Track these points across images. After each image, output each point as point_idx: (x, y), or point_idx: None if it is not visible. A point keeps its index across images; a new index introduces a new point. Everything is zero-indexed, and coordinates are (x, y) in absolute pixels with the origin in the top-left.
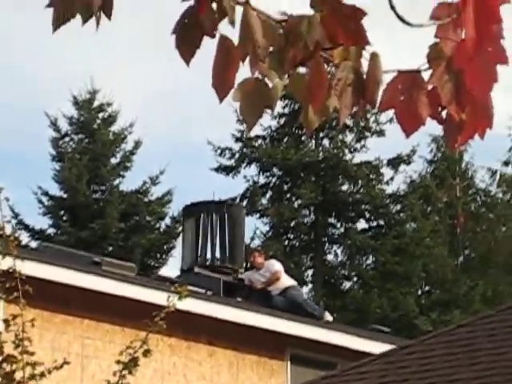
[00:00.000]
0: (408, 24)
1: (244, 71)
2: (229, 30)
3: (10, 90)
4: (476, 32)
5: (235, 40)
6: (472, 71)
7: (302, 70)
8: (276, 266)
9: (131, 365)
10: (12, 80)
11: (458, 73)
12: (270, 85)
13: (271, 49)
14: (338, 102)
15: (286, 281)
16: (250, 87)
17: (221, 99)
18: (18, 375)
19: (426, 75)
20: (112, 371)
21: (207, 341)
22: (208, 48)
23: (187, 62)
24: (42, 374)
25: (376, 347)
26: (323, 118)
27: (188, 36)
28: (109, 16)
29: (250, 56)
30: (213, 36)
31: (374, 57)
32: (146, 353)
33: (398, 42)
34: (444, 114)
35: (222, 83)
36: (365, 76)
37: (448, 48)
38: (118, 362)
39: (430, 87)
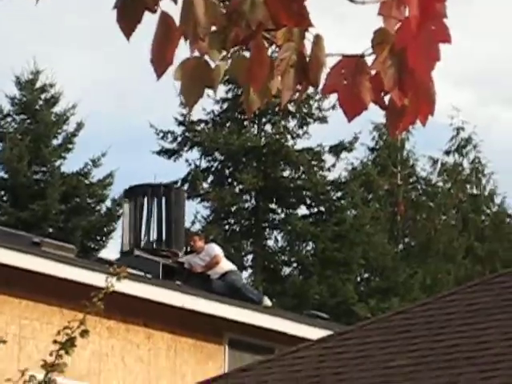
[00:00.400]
0: (351, 1)
1: (187, 50)
2: (171, 7)
3: None
4: (419, 10)
5: (177, 17)
6: (415, 50)
7: (244, 52)
8: (216, 249)
9: (68, 345)
10: None
11: (402, 57)
12: (213, 65)
13: (213, 28)
14: (280, 83)
15: (226, 265)
16: (191, 66)
17: (158, 76)
18: None
19: (370, 60)
20: (49, 352)
21: (145, 323)
22: (150, 23)
23: (128, 36)
24: None
25: (314, 333)
26: (265, 100)
27: (129, 10)
28: None
29: (190, 34)
30: (154, 11)
31: (317, 39)
32: (84, 333)
33: (346, 30)
34: (387, 99)
35: (160, 60)
36: (308, 58)
37: (391, 27)
38: (55, 341)
39: (373, 72)
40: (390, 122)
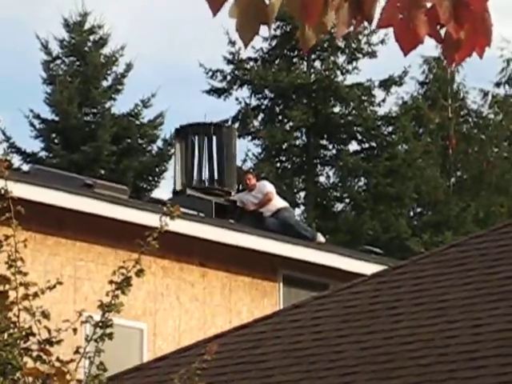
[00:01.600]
0: None
1: None
2: None
3: None
4: None
5: None
6: None
7: None
8: (268, 187)
9: (124, 284)
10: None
11: None
12: (267, 1)
13: None
14: (335, 18)
15: (278, 202)
16: (247, 2)
17: (214, 12)
18: (12, 296)
19: None
20: (105, 293)
21: (199, 262)
22: None
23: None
24: (36, 295)
25: (368, 268)
26: (320, 36)
27: None
28: None
29: None
30: None
31: None
32: (139, 272)
33: None
34: (442, 32)
35: None
36: None
37: None
38: (111, 282)
39: (428, 5)
40: (446, 54)
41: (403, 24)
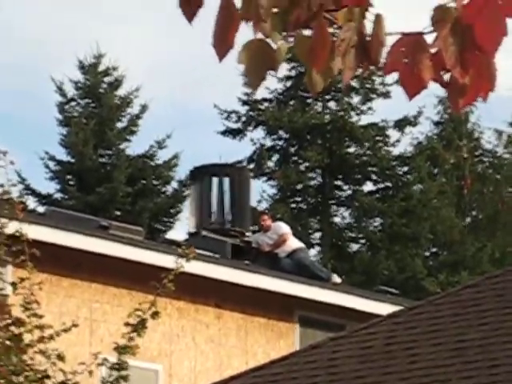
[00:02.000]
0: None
1: (247, 32)
2: None
3: (12, 51)
4: None
5: (238, 0)
6: (481, 25)
7: (306, 32)
8: (283, 228)
9: (139, 327)
10: (14, 40)
11: (465, 33)
12: (274, 46)
13: (275, 10)
14: (342, 63)
15: (294, 243)
16: (254, 48)
17: (220, 58)
18: (27, 338)
19: (430, 38)
20: (120, 335)
21: (215, 303)
22: (212, 7)
23: (189, 20)
24: (51, 337)
25: (384, 309)
26: (328, 80)
27: None
28: None
29: (252, 16)
30: None
31: (378, 18)
32: (155, 315)
33: (405, 6)
34: (447, 76)
35: (221, 43)
36: (368, 38)
37: (459, 2)
38: (127, 324)
39: (433, 50)
40: (451, 99)
41: (408, 69)
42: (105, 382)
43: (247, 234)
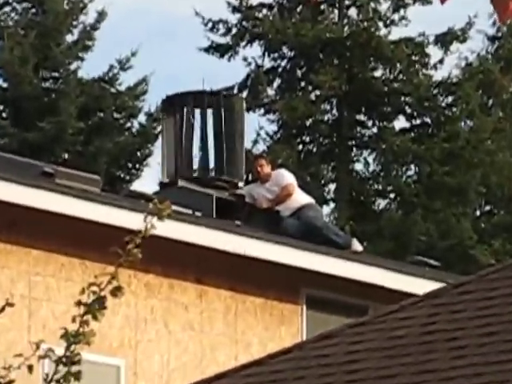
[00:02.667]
0: None
1: None
2: None
3: None
4: None
5: None
6: None
7: None
8: (287, 177)
9: (95, 307)
10: None
11: None
12: None
13: None
14: None
15: (301, 198)
16: None
17: None
18: None
19: None
20: (70, 318)
21: (196, 278)
22: None
23: None
24: None
25: (420, 286)
26: None
27: None
28: None
29: None
30: None
31: None
32: (116, 291)
33: None
34: None
35: None
36: None
37: None
38: (79, 303)
39: None
40: (496, 6)
41: None
42: (49, 380)
43: (239, 184)
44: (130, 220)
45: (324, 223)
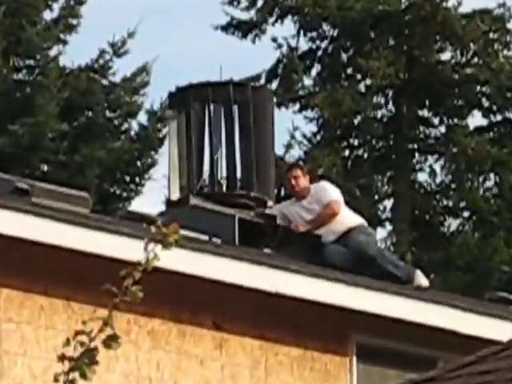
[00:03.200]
0: None
1: None
2: None
3: None
4: None
5: None
6: None
7: None
8: (331, 192)
9: (84, 362)
10: None
11: None
12: None
13: None
14: None
15: (349, 218)
16: None
17: None
18: None
19: None
20: (51, 378)
21: (214, 323)
22: None
23: None
24: None
25: (503, 330)
26: None
27: None
28: None
29: None
30: None
31: None
32: (111, 341)
33: None
34: None
35: None
36: None
37: None
38: (63, 357)
39: None
40: None
41: None
42: None
43: (268, 202)
44: (128, 249)
45: (379, 250)
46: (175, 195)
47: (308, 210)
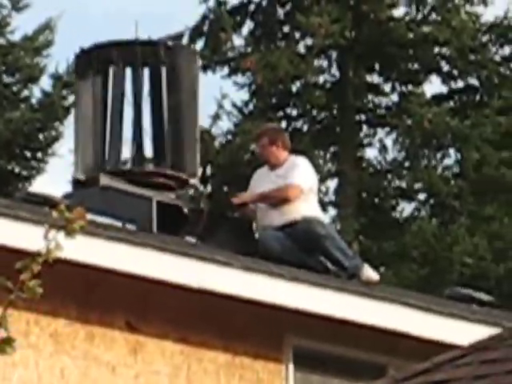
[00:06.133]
0: None
1: None
2: None
3: None
4: None
5: None
6: None
7: None
8: (298, 174)
9: None
10: None
11: None
12: None
13: None
14: None
15: (308, 210)
16: None
17: None
18: None
19: None
20: None
21: (128, 323)
22: None
23: None
24: None
25: (464, 333)
26: None
27: None
28: None
29: None
30: None
31: None
32: (6, 345)
33: None
34: None
35: None
36: None
37: None
38: None
39: None
40: None
41: None
42: None
43: (191, 181)
44: (27, 237)
45: (329, 232)
46: (82, 173)
47: (273, 183)
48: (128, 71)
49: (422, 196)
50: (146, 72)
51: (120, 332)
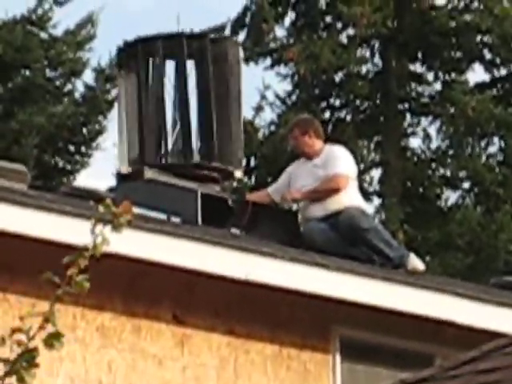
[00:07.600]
0: None
1: None
2: None
3: None
4: None
5: None
6: None
7: None
8: (342, 163)
9: (22, 364)
10: None
11: None
12: None
13: None
14: None
15: (350, 199)
16: None
17: None
18: None
19: None
20: None
21: (174, 316)
22: None
23: None
24: None
25: (510, 320)
26: None
27: None
28: None
29: None
30: None
31: None
32: (53, 339)
33: None
34: None
35: None
36: None
37: None
38: None
39: None
40: None
41: None
42: None
43: (236, 174)
44: (73, 231)
45: (372, 224)
46: (127, 167)
47: (312, 173)
48: (173, 64)
49: (466, 184)
50: (190, 65)
51: (166, 325)
